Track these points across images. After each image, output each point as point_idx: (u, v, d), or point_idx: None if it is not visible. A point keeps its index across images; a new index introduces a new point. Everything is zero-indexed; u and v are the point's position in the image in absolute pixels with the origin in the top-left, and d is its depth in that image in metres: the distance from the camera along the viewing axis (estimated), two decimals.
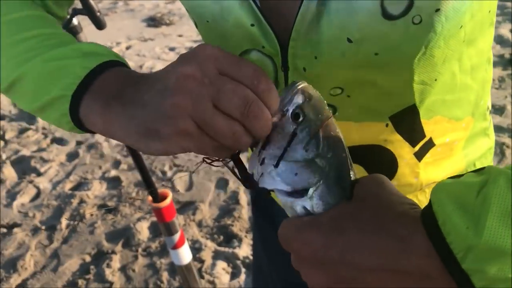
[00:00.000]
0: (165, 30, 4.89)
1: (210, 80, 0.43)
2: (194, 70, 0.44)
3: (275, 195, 0.49)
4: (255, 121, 0.44)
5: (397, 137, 0.63)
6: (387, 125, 0.62)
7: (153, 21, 5.11)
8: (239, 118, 0.43)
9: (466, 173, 0.41)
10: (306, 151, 0.46)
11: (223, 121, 0.43)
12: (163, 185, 2.56)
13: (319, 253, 0.42)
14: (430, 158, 0.66)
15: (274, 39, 0.55)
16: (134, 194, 2.54)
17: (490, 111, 0.75)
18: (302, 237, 0.44)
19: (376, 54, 0.53)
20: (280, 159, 0.46)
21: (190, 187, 2.57)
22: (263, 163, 0.47)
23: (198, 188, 2.55)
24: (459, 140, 0.68)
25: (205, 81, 0.43)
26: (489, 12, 0.58)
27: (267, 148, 0.47)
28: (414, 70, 0.55)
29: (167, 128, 0.44)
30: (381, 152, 0.64)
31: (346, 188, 0.47)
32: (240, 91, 0.43)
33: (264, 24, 0.54)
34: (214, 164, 0.51)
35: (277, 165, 0.46)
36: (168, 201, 1.38)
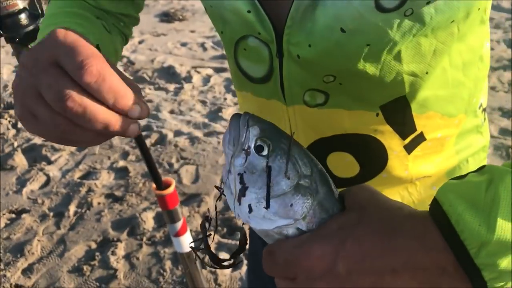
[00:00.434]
0: (177, 26, 4.93)
1: (37, 70, 0.44)
2: (27, 59, 0.45)
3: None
4: (74, 117, 0.43)
5: (387, 128, 0.64)
6: (377, 115, 0.63)
7: (166, 16, 5.16)
8: (58, 110, 0.44)
9: (468, 174, 0.43)
10: (289, 178, 0.44)
11: (44, 110, 0.44)
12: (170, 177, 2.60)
13: (336, 265, 0.42)
14: (420, 152, 0.67)
15: (269, 26, 0.57)
16: (140, 185, 2.58)
17: (485, 110, 0.76)
18: (311, 253, 0.43)
19: (368, 45, 0.55)
20: (268, 198, 0.44)
21: (196, 179, 2.60)
22: (252, 210, 0.44)
23: (204, 181, 2.58)
24: (450, 136, 0.69)
25: (33, 71, 0.44)
26: (478, 9, 0.59)
27: (248, 194, 0.44)
28: (402, 58, 0.57)
29: (17, 111, 0.47)
30: (371, 142, 0.65)
31: (335, 200, 0.46)
32: (57, 86, 0.43)
33: (260, 11, 0.56)
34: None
35: (268, 205, 0.44)
36: (171, 189, 1.41)
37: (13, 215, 2.46)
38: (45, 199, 2.54)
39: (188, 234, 1.52)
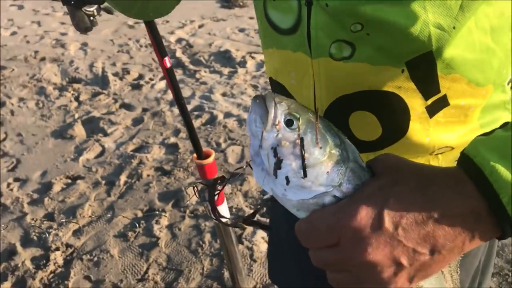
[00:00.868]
0: (237, 12, 5.00)
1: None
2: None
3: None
4: None
5: (411, 85, 0.63)
6: (402, 71, 0.62)
7: (227, 2, 5.24)
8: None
9: (495, 130, 0.46)
10: (321, 148, 0.47)
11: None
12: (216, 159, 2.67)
13: (383, 222, 0.45)
14: (442, 118, 0.66)
15: None
16: (188, 161, 2.67)
17: None
18: (357, 213, 0.45)
19: None
20: (305, 168, 0.46)
21: (241, 159, 2.66)
22: (289, 182, 0.47)
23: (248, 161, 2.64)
24: (475, 107, 0.67)
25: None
26: None
27: (283, 166, 0.47)
28: (426, 7, 0.56)
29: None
30: (394, 100, 0.64)
31: (364, 168, 0.49)
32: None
33: None
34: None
35: (305, 174, 0.46)
36: (210, 159, 1.47)
37: (69, 180, 2.62)
38: (99, 168, 2.69)
39: (225, 204, 1.58)
